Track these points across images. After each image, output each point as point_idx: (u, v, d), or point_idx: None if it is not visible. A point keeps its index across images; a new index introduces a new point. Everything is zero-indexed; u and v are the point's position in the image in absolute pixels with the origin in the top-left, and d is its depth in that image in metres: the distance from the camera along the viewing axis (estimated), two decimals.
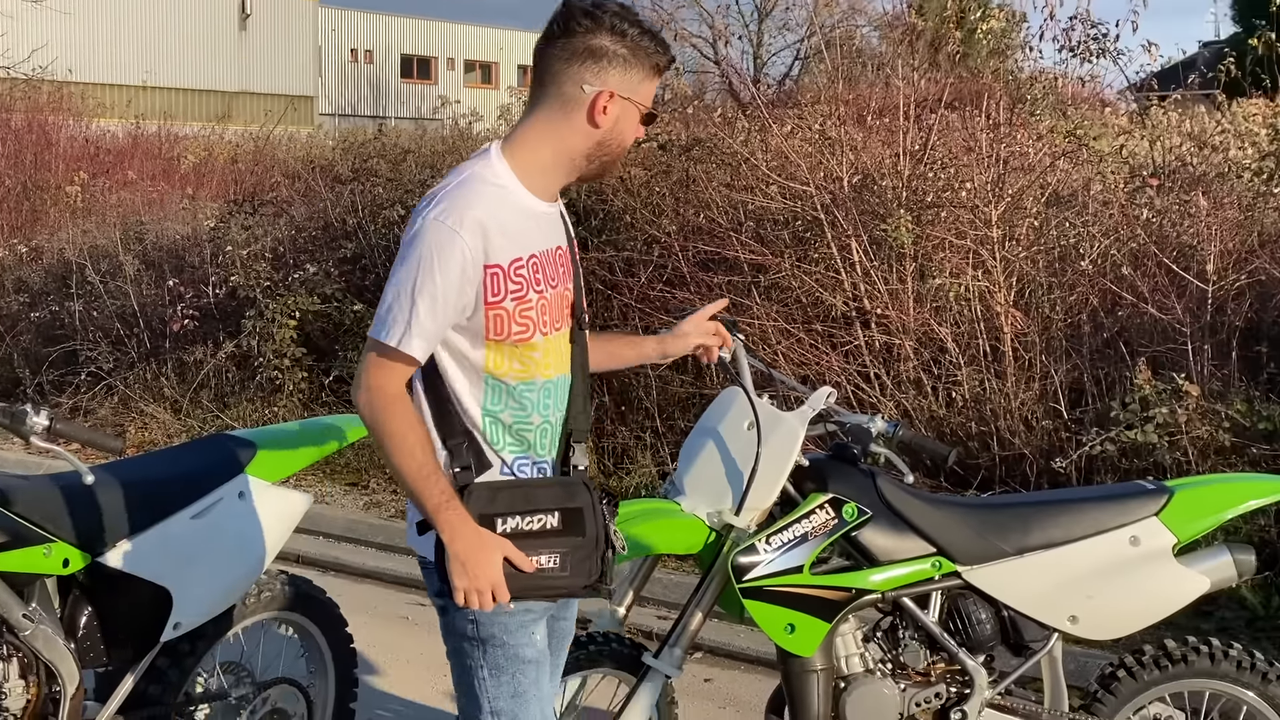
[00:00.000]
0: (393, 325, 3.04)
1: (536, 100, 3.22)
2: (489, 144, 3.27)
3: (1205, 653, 4.21)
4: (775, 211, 8.89)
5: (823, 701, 4.10)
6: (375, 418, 3.06)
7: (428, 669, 6.47)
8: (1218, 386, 7.41)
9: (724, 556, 4.11)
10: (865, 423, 4.17)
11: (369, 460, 9.75)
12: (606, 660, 4.22)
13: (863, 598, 4.10)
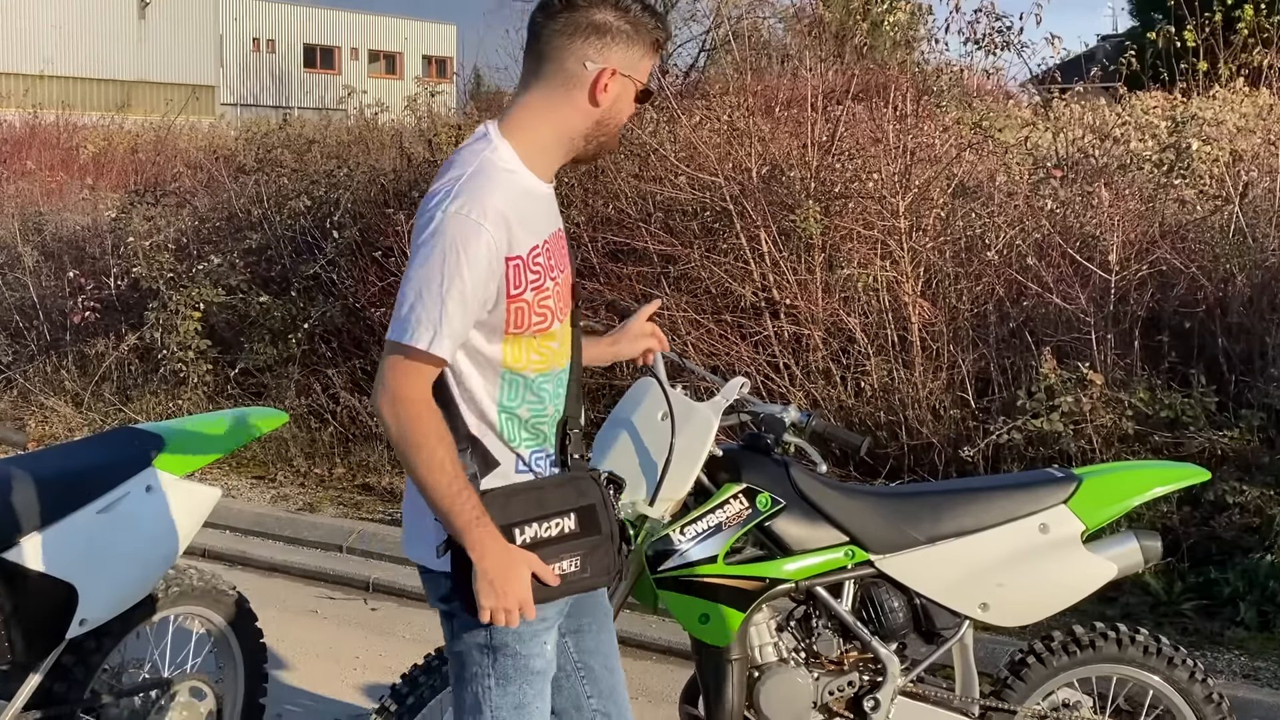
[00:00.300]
0: (419, 327, 2.90)
1: (534, 77, 3.11)
2: (484, 125, 3.16)
3: (1112, 638, 4.26)
4: (684, 202, 8.90)
5: (737, 691, 4.10)
6: (403, 428, 2.92)
7: (337, 663, 6.44)
8: (1121, 375, 7.51)
9: (638, 547, 4.10)
10: (778, 413, 4.18)
11: (276, 453, 9.67)
12: None
13: (777, 587, 4.10)
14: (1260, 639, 6.31)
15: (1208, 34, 9.93)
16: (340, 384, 9.81)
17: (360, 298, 9.90)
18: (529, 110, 3.11)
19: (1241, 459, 7.12)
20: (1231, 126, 8.75)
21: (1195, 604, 6.60)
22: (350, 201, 10.72)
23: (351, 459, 9.47)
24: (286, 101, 41.90)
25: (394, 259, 9.61)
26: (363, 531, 8.22)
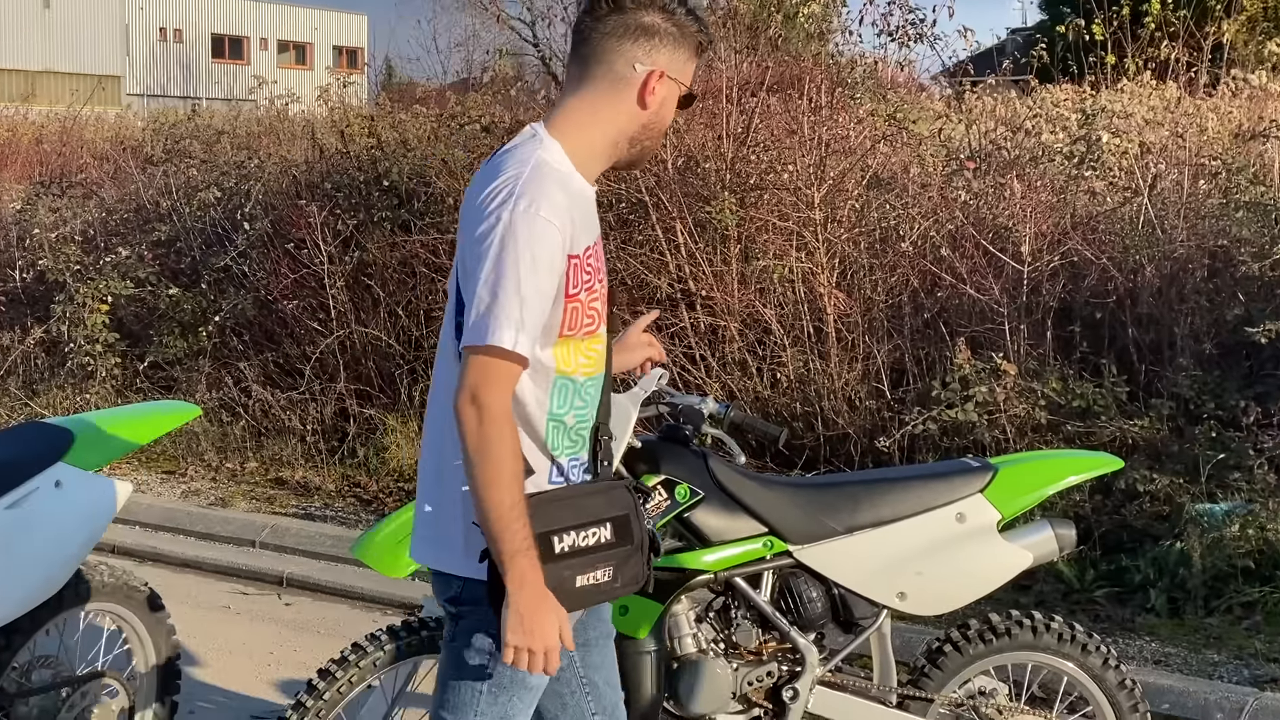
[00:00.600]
0: (501, 328, 2.85)
1: (581, 80, 3.08)
2: (532, 126, 3.12)
3: (1028, 626, 4.29)
4: (599, 194, 8.85)
5: (656, 683, 4.09)
6: (482, 434, 2.85)
7: (251, 659, 6.37)
8: (1034, 365, 7.58)
9: None
10: (697, 404, 4.17)
11: (187, 448, 9.56)
12: (438, 646, 4.15)
13: (695, 578, 4.10)
14: (1170, 625, 6.39)
15: (1115, 28, 10.04)
16: (252, 377, 9.71)
17: (272, 290, 9.80)
18: (577, 113, 3.08)
19: (1151, 448, 7.21)
20: (1140, 119, 8.85)
21: (1107, 591, 6.67)
22: (261, 193, 10.61)
23: (264, 453, 9.37)
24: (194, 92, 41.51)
25: (305, 250, 9.52)
26: (276, 526, 8.14)
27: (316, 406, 9.37)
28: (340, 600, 7.29)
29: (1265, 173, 8.29)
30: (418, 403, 9.08)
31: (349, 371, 9.45)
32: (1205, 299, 7.62)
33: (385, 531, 4.11)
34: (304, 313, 9.65)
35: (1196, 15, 10.24)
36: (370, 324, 9.45)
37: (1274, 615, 6.32)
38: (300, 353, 9.63)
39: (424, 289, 9.30)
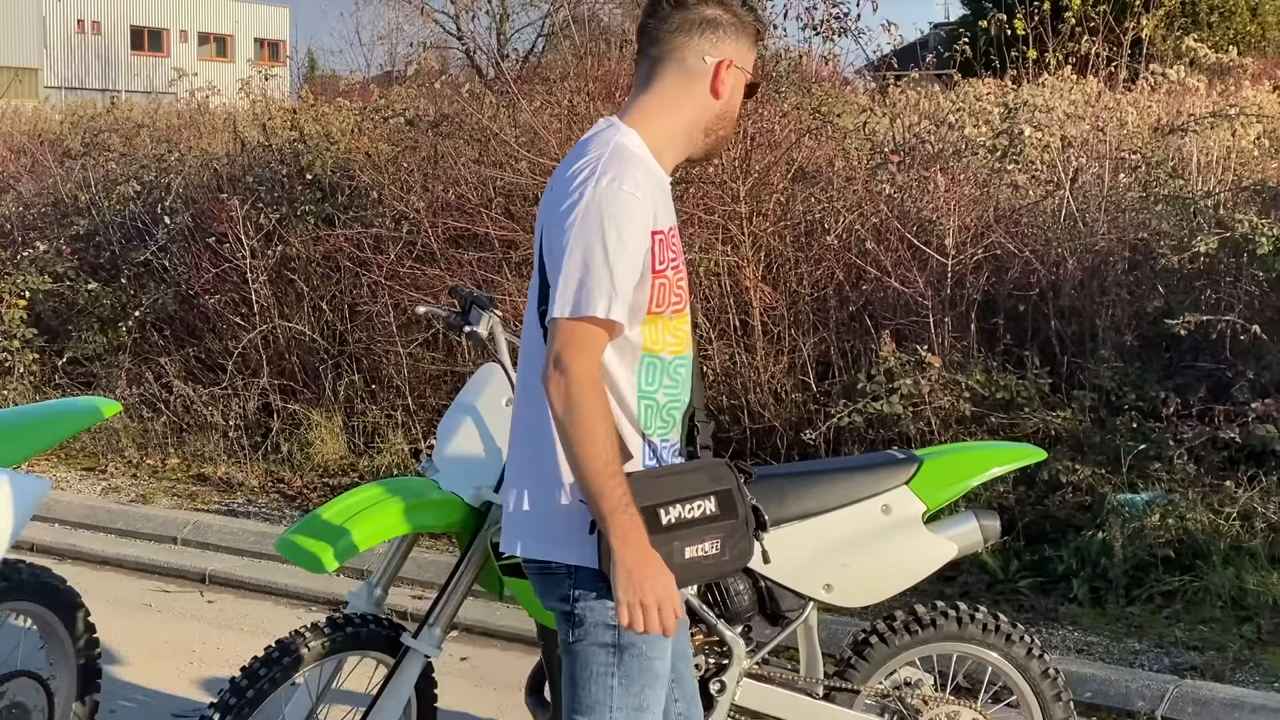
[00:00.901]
0: (592, 297, 2.91)
1: (653, 75, 3.16)
2: (608, 120, 3.18)
3: (953, 616, 4.31)
4: (525, 187, 8.83)
5: None
6: (571, 402, 2.90)
7: (173, 657, 6.30)
8: (958, 358, 7.62)
9: (483, 534, 4.06)
10: None
11: (107, 444, 9.46)
12: (364, 642, 4.13)
13: None
14: (1093, 614, 6.46)
15: (1037, 22, 10.11)
16: (173, 372, 9.62)
17: (194, 284, 9.70)
18: (651, 108, 3.16)
19: (1074, 439, 7.26)
20: (1061, 114, 8.91)
21: (1031, 581, 6.73)
22: (182, 186, 10.50)
23: (186, 449, 9.28)
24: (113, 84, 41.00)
25: (227, 245, 9.43)
26: (198, 523, 8.06)
27: (239, 402, 9.29)
28: (264, 597, 7.23)
29: (1184, 166, 8.38)
30: (342, 397, 9.02)
31: (272, 366, 9.37)
32: (1126, 291, 7.69)
33: (309, 528, 4.07)
34: (226, 307, 9.56)
35: (1116, 11, 10.33)
36: (294, 318, 9.38)
37: (1194, 604, 6.40)
38: (222, 348, 9.54)
39: (348, 283, 9.23)
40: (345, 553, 3.95)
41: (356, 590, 4.27)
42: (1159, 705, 5.55)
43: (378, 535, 4.02)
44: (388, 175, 9.36)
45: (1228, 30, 24.31)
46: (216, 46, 51.13)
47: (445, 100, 10.02)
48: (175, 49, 49.19)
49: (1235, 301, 7.31)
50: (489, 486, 4.04)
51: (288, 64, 35.49)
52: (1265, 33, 24.46)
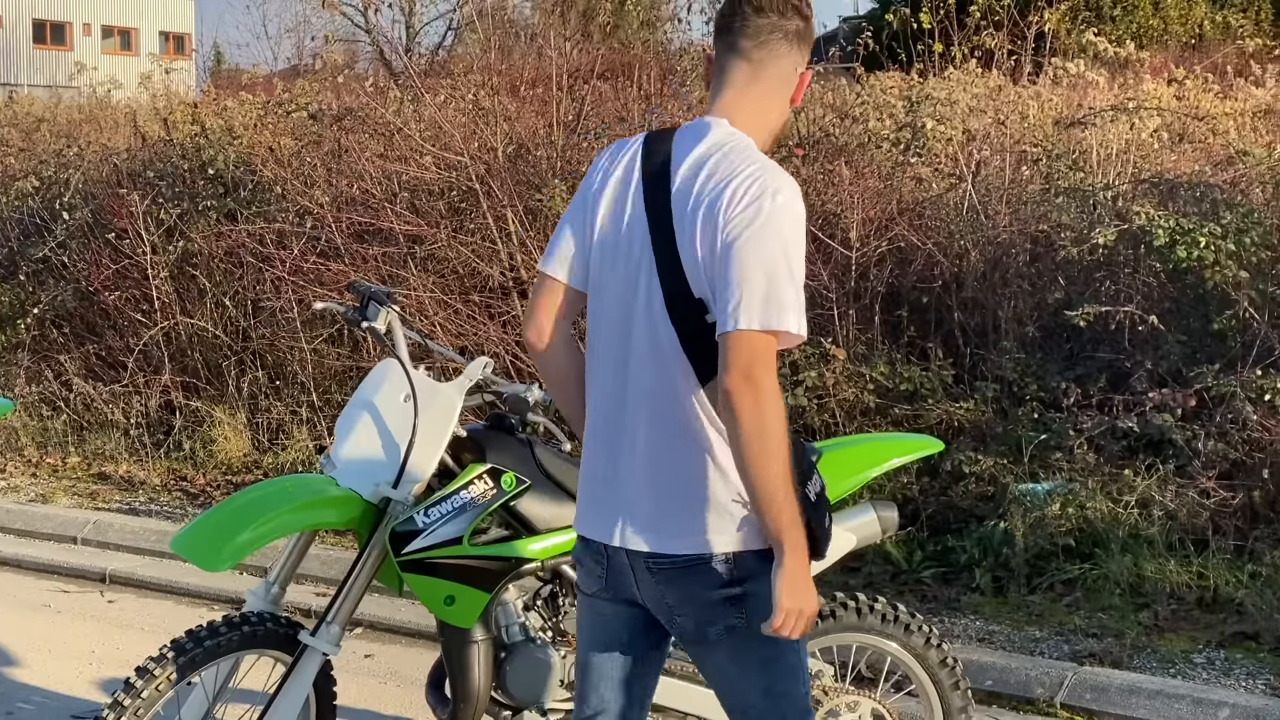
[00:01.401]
0: (784, 311, 2.93)
1: (753, 79, 3.13)
2: (717, 120, 3.12)
3: (852, 608, 4.33)
4: (430, 182, 8.80)
5: (484, 672, 4.07)
6: (763, 413, 2.91)
7: (73, 658, 6.22)
8: (863, 350, 7.67)
9: (382, 530, 4.04)
10: (523, 392, 4.15)
11: (5, 443, 9.33)
12: (261, 641, 4.09)
13: (522, 566, 4.08)
14: (994, 603, 6.52)
15: (942, 16, 10.19)
16: (73, 370, 9.49)
17: (94, 281, 9.57)
18: (750, 112, 3.13)
19: (977, 429, 7.33)
20: (964, 106, 8.98)
21: (934, 571, 6.79)
22: (81, 182, 10.36)
23: (87, 447, 9.17)
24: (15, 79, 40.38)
25: (128, 240, 9.32)
26: (99, 522, 7.96)
27: (141, 399, 9.18)
28: (165, 596, 7.16)
29: (1084, 159, 8.47)
30: (246, 394, 8.94)
31: (175, 363, 9.28)
32: (1027, 283, 7.77)
33: (205, 525, 4.03)
34: (126, 304, 9.45)
35: (1020, 5, 10.44)
36: (196, 315, 9.28)
37: (1093, 591, 6.47)
38: (124, 345, 9.43)
39: (251, 279, 9.14)
40: (240, 551, 3.92)
41: (255, 589, 4.24)
42: (1058, 692, 5.61)
43: (273, 533, 3.99)
44: (291, 170, 9.28)
45: (1130, 24, 24.61)
46: (120, 40, 50.40)
47: (350, 94, 9.95)
48: (79, 42, 48.42)
49: (1134, 292, 7.40)
50: (387, 482, 4.02)
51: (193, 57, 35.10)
52: (1167, 26, 24.77)
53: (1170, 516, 6.66)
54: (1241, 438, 6.81)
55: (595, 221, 3.17)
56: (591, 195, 3.20)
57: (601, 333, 3.17)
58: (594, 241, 3.17)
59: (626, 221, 3.12)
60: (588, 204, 3.20)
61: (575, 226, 3.21)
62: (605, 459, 3.19)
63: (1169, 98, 9.29)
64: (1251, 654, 5.95)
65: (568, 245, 3.21)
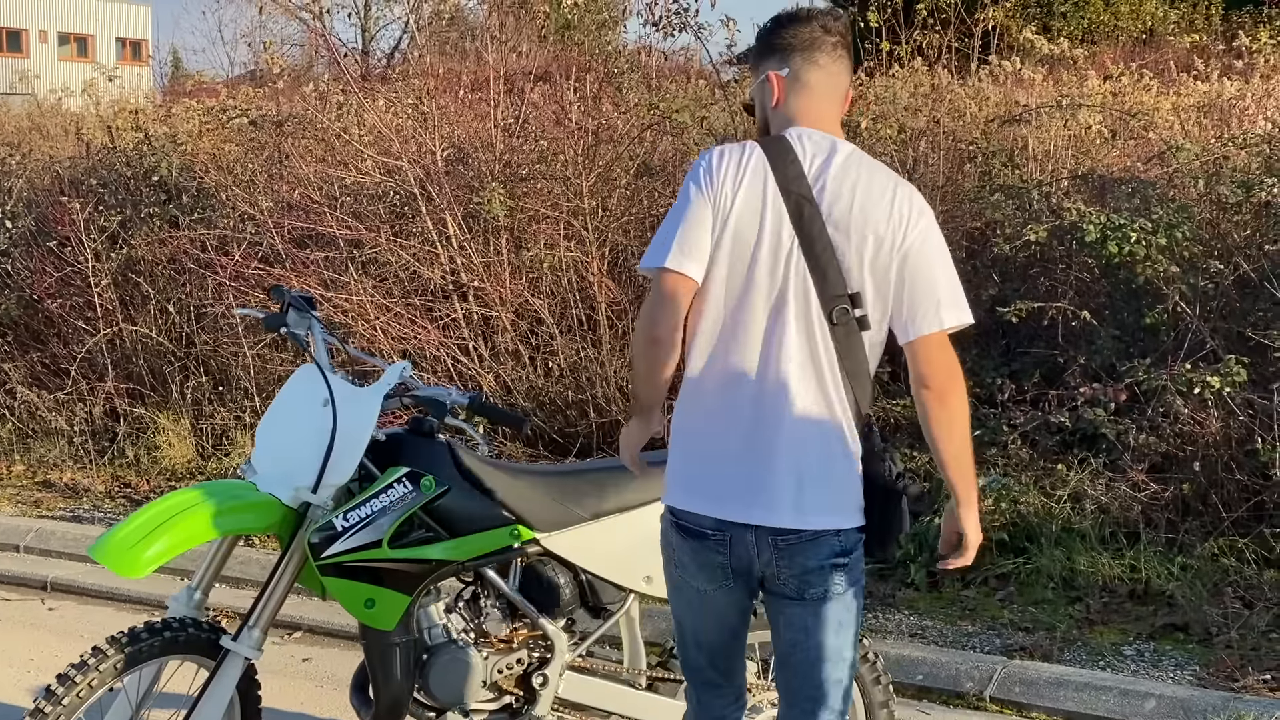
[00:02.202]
0: (966, 307, 3.37)
1: (834, 92, 3.47)
2: (823, 132, 3.41)
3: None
4: (371, 186, 8.82)
5: (405, 674, 4.10)
6: (964, 401, 3.39)
7: (10, 665, 6.25)
8: None
9: (302, 534, 4.06)
10: (441, 395, 4.18)
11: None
12: (183, 646, 4.11)
13: (443, 568, 4.10)
14: (929, 599, 6.58)
15: (889, 15, 10.25)
16: (17, 379, 9.47)
17: (37, 289, 9.55)
18: (836, 122, 3.49)
19: (913, 426, 7.37)
20: (903, 105, 9.04)
21: (869, 568, 6.79)
22: (24, 190, 10.33)
23: (31, 455, 9.16)
24: None
25: (69, 248, 9.30)
26: (40, 530, 7.94)
27: (85, 407, 9.17)
28: (106, 603, 7.16)
29: (1021, 156, 8.53)
30: (190, 400, 8.94)
31: (118, 370, 9.27)
32: (963, 280, 7.80)
33: (124, 532, 4.03)
34: (70, 311, 9.43)
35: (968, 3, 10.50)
36: (140, 321, 9.27)
37: (1026, 586, 6.54)
38: (67, 352, 9.41)
39: (194, 285, 9.14)
40: (158, 557, 3.93)
41: (177, 594, 4.26)
42: (987, 686, 5.67)
43: (192, 539, 4.00)
44: (233, 176, 9.28)
45: (1082, 20, 24.74)
46: (77, 46, 50.12)
47: (291, 100, 9.96)
48: (35, 49, 48.14)
49: (1068, 288, 7.47)
50: (306, 487, 4.04)
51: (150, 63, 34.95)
52: (1118, 22, 24.91)
53: (1102, 510, 6.74)
54: (1173, 431, 6.89)
55: (730, 224, 3.33)
56: (723, 199, 3.34)
57: (741, 326, 3.36)
58: (729, 243, 3.34)
59: (769, 225, 3.31)
60: (719, 209, 3.33)
61: (705, 229, 3.34)
62: (738, 440, 3.38)
63: (1105, 94, 9.37)
64: (1180, 645, 6.02)
65: (702, 247, 3.34)
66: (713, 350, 3.39)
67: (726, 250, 3.33)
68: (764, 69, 3.48)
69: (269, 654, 6.24)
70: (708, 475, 3.42)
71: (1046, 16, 23.77)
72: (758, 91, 3.52)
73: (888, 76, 10.40)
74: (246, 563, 7.05)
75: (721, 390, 3.39)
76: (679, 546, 3.49)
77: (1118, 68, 10.08)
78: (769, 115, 3.49)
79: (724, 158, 3.37)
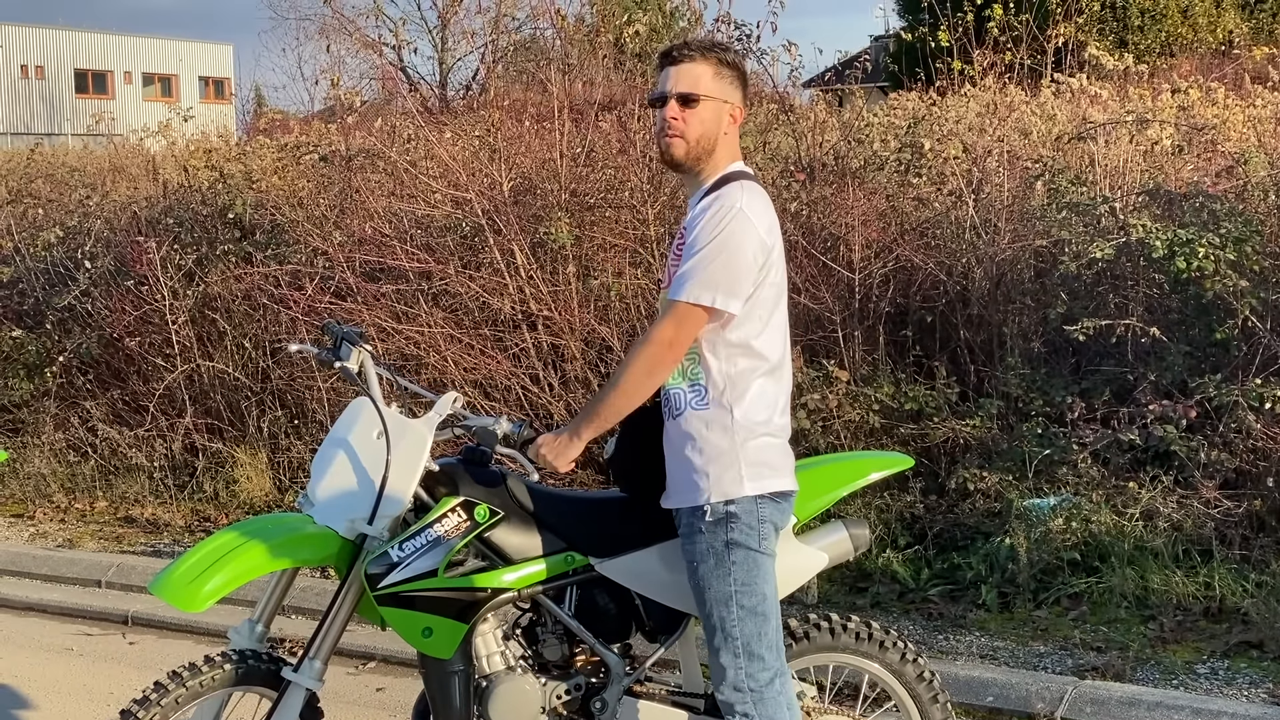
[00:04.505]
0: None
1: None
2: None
3: (825, 628, 4.37)
4: (440, 219, 8.90)
5: (464, 702, 4.13)
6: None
7: (90, 700, 6.33)
8: (868, 370, 7.70)
9: (359, 565, 4.11)
10: (490, 425, 4.21)
11: (35, 489, 9.48)
12: (244, 678, 4.17)
13: (499, 597, 4.13)
14: (1000, 619, 6.53)
15: (961, 34, 10.23)
16: (99, 416, 9.63)
17: (116, 327, 9.72)
18: None
19: (983, 446, 7.35)
20: (968, 124, 9.01)
21: (941, 589, 6.80)
22: (104, 230, 10.53)
23: (113, 492, 9.31)
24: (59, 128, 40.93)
25: (147, 287, 9.46)
26: (122, 565, 8.07)
27: (164, 442, 9.31)
28: (185, 636, 7.26)
29: (1088, 173, 8.48)
30: (267, 434, 9.05)
31: (197, 405, 9.40)
32: (1031, 299, 7.79)
33: (184, 567, 4.10)
34: (149, 349, 9.59)
35: (1040, 19, 10.47)
36: (216, 357, 9.41)
37: (1099, 605, 6.48)
38: (147, 389, 9.57)
39: (269, 320, 9.26)
40: (217, 591, 3.99)
41: (238, 626, 4.31)
42: (1058, 707, 5.62)
43: (250, 573, 4.06)
44: (304, 212, 9.41)
45: (1159, 33, 24.54)
46: (161, 87, 51.01)
47: (362, 135, 10.07)
48: (120, 90, 49.08)
49: (1137, 305, 7.41)
50: (362, 518, 4.09)
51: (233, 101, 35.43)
52: (1196, 34, 24.68)
53: (1175, 528, 6.67)
54: (1245, 447, 6.82)
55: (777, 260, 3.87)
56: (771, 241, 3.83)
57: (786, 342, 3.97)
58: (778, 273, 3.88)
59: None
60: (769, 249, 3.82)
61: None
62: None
63: (1173, 109, 9.30)
64: (1255, 663, 5.94)
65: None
66: (781, 358, 3.93)
67: (780, 283, 3.92)
68: (733, 98, 3.90)
69: (343, 684, 6.36)
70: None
71: (1123, 30, 23.60)
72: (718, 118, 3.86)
73: (959, 95, 10.39)
74: (305, 591, 7.14)
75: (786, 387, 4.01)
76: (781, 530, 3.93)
77: (1186, 81, 9.97)
78: (719, 141, 3.88)
79: (768, 205, 3.91)
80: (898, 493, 7.22)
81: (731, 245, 3.69)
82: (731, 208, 3.73)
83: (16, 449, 9.71)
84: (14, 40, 46.74)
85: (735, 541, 3.81)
